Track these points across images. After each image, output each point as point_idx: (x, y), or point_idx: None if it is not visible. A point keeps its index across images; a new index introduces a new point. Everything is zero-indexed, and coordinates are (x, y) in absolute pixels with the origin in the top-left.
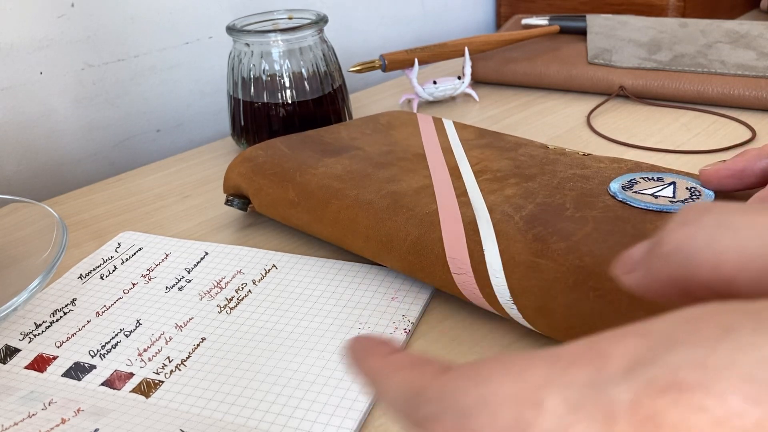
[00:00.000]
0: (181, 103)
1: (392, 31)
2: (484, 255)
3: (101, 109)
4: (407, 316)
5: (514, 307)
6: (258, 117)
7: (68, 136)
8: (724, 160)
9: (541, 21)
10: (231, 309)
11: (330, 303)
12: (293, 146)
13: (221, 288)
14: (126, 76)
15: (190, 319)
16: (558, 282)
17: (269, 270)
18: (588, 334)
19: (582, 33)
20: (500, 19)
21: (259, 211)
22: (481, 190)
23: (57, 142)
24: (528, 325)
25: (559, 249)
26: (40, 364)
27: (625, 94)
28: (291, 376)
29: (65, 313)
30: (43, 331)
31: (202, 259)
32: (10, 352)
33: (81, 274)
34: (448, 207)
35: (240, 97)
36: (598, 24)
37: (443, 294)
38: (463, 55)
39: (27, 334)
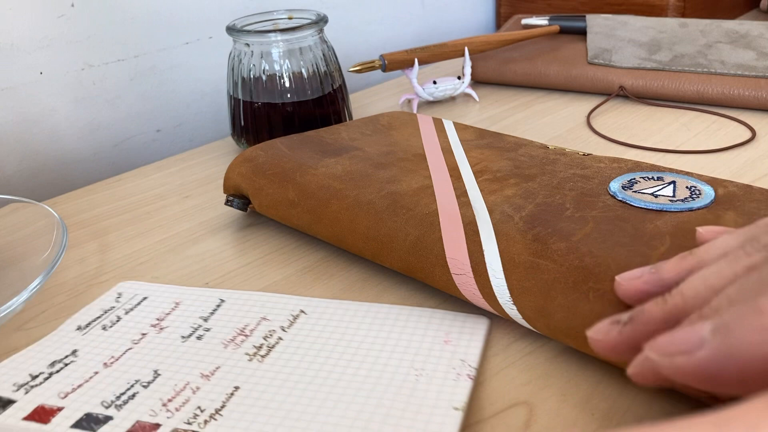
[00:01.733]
0: (181, 103)
1: (392, 31)
2: (483, 255)
3: (101, 109)
4: (466, 360)
5: (514, 307)
6: (258, 117)
7: (68, 136)
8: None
9: (541, 21)
10: (263, 357)
11: (375, 348)
12: (293, 146)
13: (246, 336)
14: (126, 76)
15: (217, 368)
16: (558, 282)
17: (297, 316)
18: None
19: (582, 33)
20: (500, 19)
21: (259, 211)
22: (481, 191)
23: (57, 142)
24: (528, 325)
25: (559, 249)
26: (41, 415)
27: (625, 94)
28: (351, 425)
29: (66, 365)
30: (41, 382)
31: (218, 306)
32: (4, 403)
33: (79, 325)
34: (448, 207)
35: (240, 97)
36: (598, 24)
37: (453, 299)
38: (463, 55)
39: (22, 386)
